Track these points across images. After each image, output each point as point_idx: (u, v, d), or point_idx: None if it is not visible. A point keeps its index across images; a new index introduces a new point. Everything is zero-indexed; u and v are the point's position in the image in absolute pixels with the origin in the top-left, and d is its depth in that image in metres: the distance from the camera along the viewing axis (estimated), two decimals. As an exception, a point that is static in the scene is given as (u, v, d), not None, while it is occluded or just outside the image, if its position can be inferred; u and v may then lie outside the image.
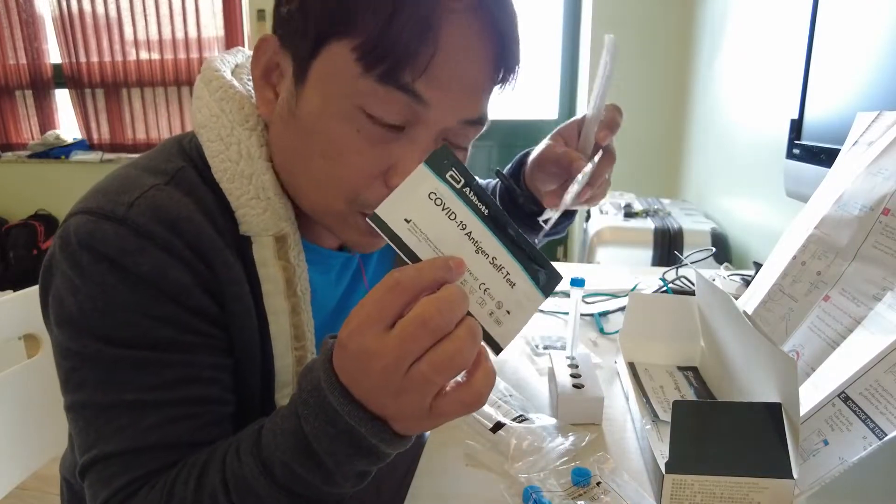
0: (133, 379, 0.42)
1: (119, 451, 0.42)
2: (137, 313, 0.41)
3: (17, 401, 0.71)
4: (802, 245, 0.58)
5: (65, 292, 0.42)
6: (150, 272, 0.41)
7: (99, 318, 0.41)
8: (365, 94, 0.40)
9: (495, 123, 1.88)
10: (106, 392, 0.42)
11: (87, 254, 0.41)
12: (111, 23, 2.70)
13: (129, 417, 0.42)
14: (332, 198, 0.45)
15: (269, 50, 0.45)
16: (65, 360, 0.43)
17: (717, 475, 0.43)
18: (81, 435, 0.43)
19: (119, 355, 0.42)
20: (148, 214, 0.42)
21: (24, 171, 2.96)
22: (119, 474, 0.42)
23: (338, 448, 0.36)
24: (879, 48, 0.68)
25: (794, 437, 0.42)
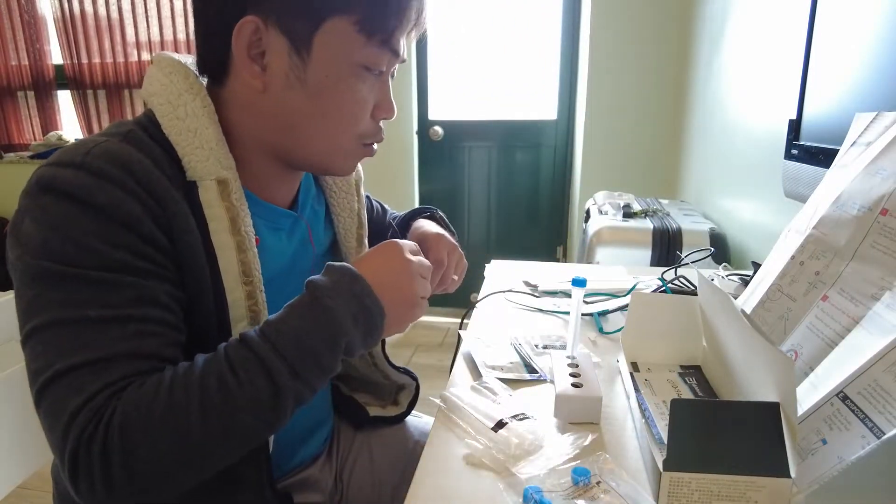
0: (94, 297, 0.45)
1: (87, 361, 0.43)
2: (96, 239, 0.45)
3: (18, 401, 0.72)
4: (801, 245, 0.58)
5: (29, 229, 0.46)
6: (106, 204, 0.46)
7: (59, 245, 0.45)
8: (367, 56, 0.53)
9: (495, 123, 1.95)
10: (67, 310, 0.44)
11: (49, 194, 0.46)
12: (113, 24, 2.70)
13: (93, 332, 0.44)
14: (343, 139, 0.57)
15: (248, 31, 0.51)
16: (27, 290, 0.45)
17: (714, 473, 0.44)
18: (40, 358, 0.44)
19: (80, 275, 0.45)
20: (103, 159, 0.47)
21: (26, 172, 2.96)
22: (91, 381, 0.43)
23: (346, 311, 0.48)
24: (878, 49, 0.68)
25: (792, 436, 0.42)
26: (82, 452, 0.42)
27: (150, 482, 0.43)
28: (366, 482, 0.77)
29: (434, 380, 2.05)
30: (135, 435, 0.42)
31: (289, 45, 0.52)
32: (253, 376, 0.45)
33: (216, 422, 0.44)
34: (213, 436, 0.44)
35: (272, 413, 0.46)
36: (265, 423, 0.46)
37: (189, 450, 0.43)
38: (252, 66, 0.53)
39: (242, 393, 0.44)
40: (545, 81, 2.50)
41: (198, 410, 0.43)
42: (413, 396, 0.81)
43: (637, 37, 2.16)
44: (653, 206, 1.70)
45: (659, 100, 2.20)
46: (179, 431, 0.43)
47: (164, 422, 0.43)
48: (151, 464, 0.42)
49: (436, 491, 0.49)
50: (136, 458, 0.42)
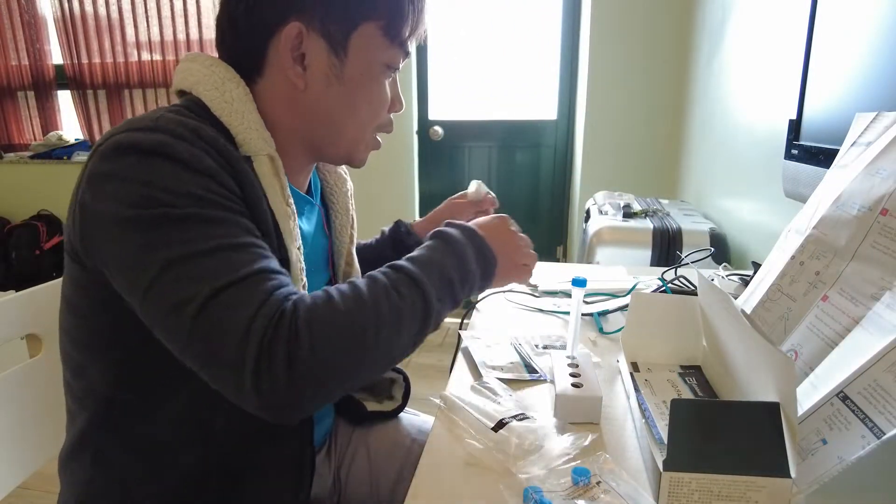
0: (210, 231, 0.47)
1: (237, 278, 0.45)
2: (190, 185, 0.48)
3: (19, 400, 0.72)
4: (801, 245, 0.58)
5: (121, 189, 0.47)
6: (188, 158, 0.49)
7: (160, 192, 0.47)
8: (390, 57, 0.61)
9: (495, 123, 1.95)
10: (193, 244, 0.46)
11: (131, 155, 0.48)
12: (113, 24, 2.70)
13: (227, 256, 0.47)
14: (367, 130, 0.65)
15: (292, 35, 0.57)
16: (136, 238, 0.46)
17: (714, 473, 0.44)
18: (184, 288, 0.45)
19: (189, 215, 0.47)
20: (173, 123, 0.50)
21: (27, 172, 2.97)
22: (251, 294, 0.45)
23: (471, 254, 0.58)
24: (878, 49, 0.68)
25: (792, 437, 0.42)
26: (265, 352, 0.43)
27: (328, 377, 0.45)
28: (364, 479, 0.77)
29: (434, 380, 2.05)
30: (322, 330, 0.45)
31: (328, 47, 0.58)
32: (413, 296, 0.51)
33: (386, 329, 0.48)
34: (382, 341, 0.48)
35: (420, 332, 0.52)
36: (413, 340, 0.52)
37: (363, 352, 0.47)
38: (295, 66, 0.58)
39: (405, 307, 0.50)
40: (545, 81, 2.50)
41: (373, 316, 0.47)
42: (405, 390, 0.82)
43: (637, 37, 2.16)
44: (653, 206, 1.69)
45: (659, 100, 2.20)
46: (357, 333, 0.46)
47: (346, 323, 0.46)
48: (332, 360, 0.45)
49: (436, 491, 0.49)
50: (320, 352, 0.44)
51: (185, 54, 0.61)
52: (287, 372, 0.43)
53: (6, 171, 2.98)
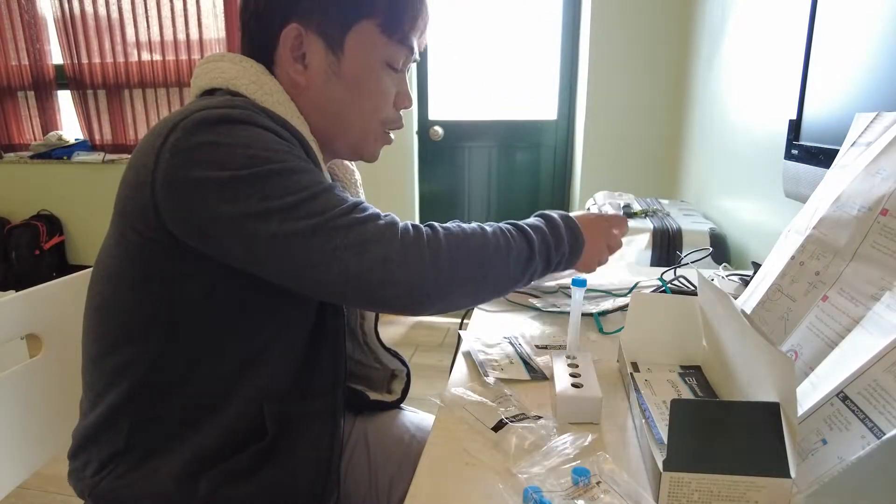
0: (315, 177, 0.54)
1: (361, 202, 0.54)
2: (282, 146, 0.54)
3: (20, 400, 0.72)
4: (801, 245, 0.58)
5: (216, 153, 0.51)
6: (273, 127, 0.55)
7: (262, 151, 0.52)
8: (390, 54, 0.64)
9: (495, 123, 1.95)
10: (309, 186, 0.52)
11: (223, 124, 0.52)
12: (113, 24, 2.70)
13: (337, 193, 0.54)
14: (373, 123, 0.68)
15: (292, 36, 0.61)
16: (255, 190, 0.51)
17: (714, 474, 0.44)
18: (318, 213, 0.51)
19: (293, 167, 0.53)
20: (245, 105, 0.56)
21: (27, 172, 2.97)
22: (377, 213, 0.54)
23: (566, 229, 0.66)
24: (878, 49, 0.68)
25: (792, 437, 0.42)
26: (413, 234, 0.53)
27: (458, 272, 0.54)
28: (362, 473, 0.77)
29: (434, 380, 2.05)
30: (454, 236, 0.55)
31: (325, 45, 0.62)
32: (519, 240, 0.60)
33: (499, 255, 0.57)
34: (495, 263, 0.57)
35: (521, 274, 0.60)
36: (513, 278, 0.59)
37: (482, 263, 0.56)
38: (296, 65, 0.63)
39: (514, 247, 0.58)
40: (545, 81, 2.50)
41: (492, 241, 0.57)
42: (405, 384, 0.83)
43: (637, 37, 2.16)
44: (653, 206, 1.70)
45: (659, 100, 2.20)
46: (479, 246, 0.56)
47: (472, 236, 0.56)
48: (461, 259, 0.54)
49: (436, 491, 0.49)
50: (454, 249, 0.54)
51: (206, 55, 0.65)
52: (430, 252, 0.52)
53: (6, 171, 2.98)
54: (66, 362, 0.77)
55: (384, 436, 0.80)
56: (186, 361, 0.58)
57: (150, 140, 0.54)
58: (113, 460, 0.60)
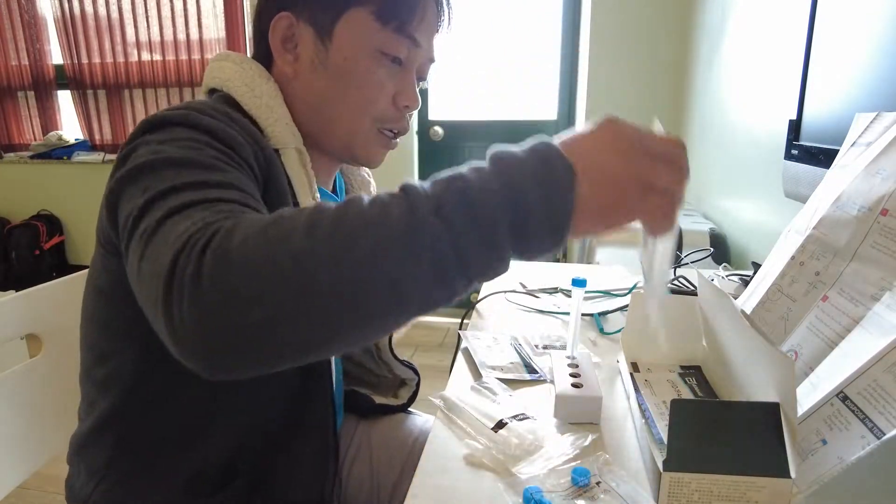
0: (206, 173, 0.43)
1: (198, 200, 0.39)
2: (201, 143, 0.47)
3: (19, 400, 0.72)
4: (801, 245, 0.58)
5: (140, 150, 0.46)
6: (212, 126, 0.49)
7: (172, 148, 0.45)
8: (383, 42, 0.59)
9: (495, 123, 1.94)
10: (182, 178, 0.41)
11: (158, 128, 0.48)
12: (113, 24, 2.70)
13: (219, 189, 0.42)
14: (362, 119, 0.62)
15: (283, 25, 0.60)
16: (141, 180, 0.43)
17: (714, 474, 0.44)
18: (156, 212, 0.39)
19: (192, 159, 0.44)
20: (205, 106, 0.52)
21: (27, 172, 2.97)
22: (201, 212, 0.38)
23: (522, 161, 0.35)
24: (878, 49, 0.68)
25: (792, 437, 0.42)
26: (182, 257, 0.34)
27: (235, 299, 0.32)
28: (365, 477, 0.77)
29: (434, 380, 2.05)
30: (234, 237, 0.34)
31: (314, 33, 0.60)
32: (385, 203, 0.34)
33: (324, 234, 0.33)
34: (316, 251, 0.32)
35: (402, 253, 0.32)
36: (381, 269, 0.32)
37: (285, 266, 0.32)
38: (286, 55, 0.61)
39: (363, 210, 0.34)
40: (545, 81, 2.50)
41: (307, 218, 0.34)
42: (413, 392, 0.82)
43: (637, 37, 2.16)
44: (653, 207, 1.69)
45: (659, 100, 2.20)
46: (280, 236, 0.33)
47: (267, 227, 0.34)
48: (242, 270, 0.33)
49: (436, 491, 0.49)
50: (228, 260, 0.33)
51: (216, 54, 0.64)
52: (193, 285, 0.33)
53: (6, 171, 2.98)
54: (66, 362, 0.77)
55: (388, 439, 0.79)
56: (164, 381, 0.56)
57: None
58: (98, 473, 0.59)
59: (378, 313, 0.34)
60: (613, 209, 0.36)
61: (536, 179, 0.34)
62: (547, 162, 0.35)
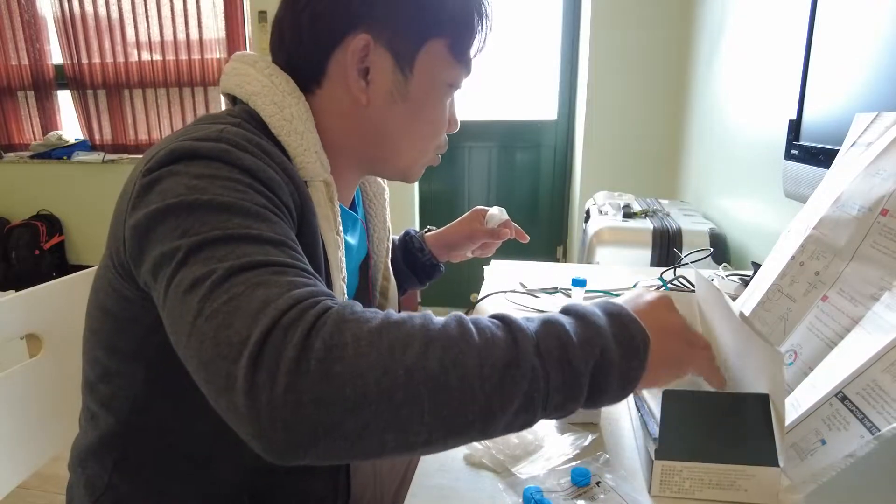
0: (252, 222, 0.41)
1: (270, 262, 0.38)
2: (243, 185, 0.44)
3: (19, 400, 0.72)
4: (801, 245, 0.58)
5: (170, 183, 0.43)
6: (252, 167, 0.45)
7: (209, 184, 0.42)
8: (454, 76, 0.58)
9: (495, 123, 1.95)
10: (231, 228, 0.40)
11: (192, 160, 0.44)
12: (113, 24, 2.70)
13: (262, 244, 0.40)
14: (428, 149, 0.63)
15: (359, 47, 0.54)
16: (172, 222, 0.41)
17: (705, 462, 0.44)
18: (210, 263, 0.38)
19: (234, 204, 0.42)
20: (238, 136, 0.47)
21: (27, 172, 2.97)
22: (279, 278, 0.37)
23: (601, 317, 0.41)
24: (878, 49, 0.68)
25: (780, 427, 0.43)
26: (277, 334, 0.33)
27: (338, 398, 0.33)
28: (368, 481, 0.77)
29: (434, 380, 2.05)
30: (346, 332, 0.34)
31: (394, 62, 0.55)
32: (494, 329, 0.38)
33: (438, 352, 0.35)
34: (429, 368, 0.34)
35: (498, 381, 0.35)
36: (482, 392, 0.35)
37: (398, 375, 0.34)
38: (359, 80, 0.55)
39: (473, 335, 0.36)
40: (545, 81, 2.50)
41: (422, 332, 0.35)
42: None
43: (637, 37, 2.16)
44: (653, 207, 1.69)
45: (659, 100, 2.20)
46: (396, 345, 0.34)
47: (381, 331, 0.35)
48: (353, 370, 0.33)
49: (436, 491, 0.49)
50: (339, 356, 0.33)
51: (236, 53, 0.57)
52: (294, 362, 0.33)
53: (6, 171, 2.98)
54: (66, 362, 0.77)
55: None
56: (167, 408, 0.53)
57: (138, 164, 0.49)
58: (97, 491, 0.57)
59: (465, 433, 0.36)
60: (679, 359, 0.45)
61: (618, 340, 0.39)
62: (623, 324, 0.40)
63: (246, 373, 0.33)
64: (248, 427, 0.33)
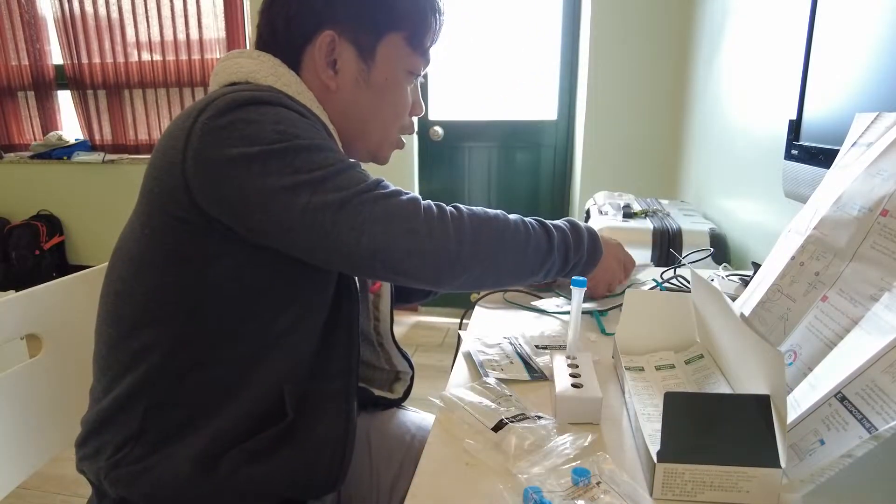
0: (339, 155, 0.57)
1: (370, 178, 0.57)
2: (308, 126, 0.57)
3: (19, 400, 0.72)
4: (801, 245, 0.58)
5: (250, 129, 0.53)
6: (297, 108, 0.58)
7: (289, 126, 0.55)
8: (413, 64, 0.69)
9: (495, 123, 1.96)
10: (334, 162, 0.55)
11: (253, 104, 0.55)
12: (113, 24, 2.70)
13: (360, 171, 0.57)
14: (392, 130, 0.73)
15: (326, 42, 0.65)
16: (282, 163, 0.53)
17: (707, 464, 0.44)
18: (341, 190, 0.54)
19: (321, 144, 0.56)
20: (271, 89, 0.60)
21: (27, 172, 2.97)
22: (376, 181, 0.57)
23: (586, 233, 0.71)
24: (878, 49, 0.68)
25: (782, 428, 0.43)
26: (437, 207, 0.58)
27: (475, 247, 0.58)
28: (364, 473, 0.77)
29: (434, 380, 2.05)
30: (476, 218, 0.59)
31: (357, 54, 0.66)
32: (540, 233, 0.64)
33: (516, 239, 0.61)
34: (513, 246, 0.61)
35: (539, 262, 0.64)
36: (531, 266, 0.64)
37: (499, 248, 0.60)
38: (328, 70, 0.66)
39: (532, 235, 0.63)
40: (545, 81, 2.50)
41: (513, 227, 0.62)
42: (407, 387, 0.83)
43: (637, 37, 2.16)
44: (653, 207, 1.70)
45: (659, 100, 2.20)
46: (499, 232, 0.60)
47: (490, 220, 0.61)
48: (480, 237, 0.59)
49: (436, 491, 0.49)
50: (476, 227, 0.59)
51: (226, 54, 0.66)
52: (454, 226, 0.57)
53: (6, 171, 2.98)
54: (66, 362, 0.77)
55: (386, 435, 0.80)
56: (206, 345, 0.59)
57: (179, 122, 0.56)
58: (128, 444, 0.60)
59: (517, 270, 0.63)
60: (606, 278, 0.81)
61: (589, 249, 0.71)
62: (595, 244, 0.72)
63: (425, 231, 0.55)
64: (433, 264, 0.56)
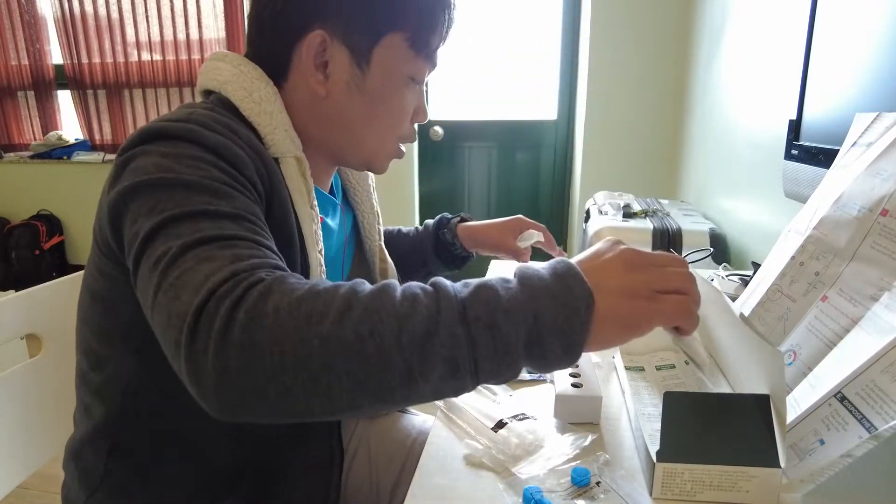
0: (212, 199, 0.45)
1: (218, 237, 0.41)
2: (207, 164, 0.47)
3: (19, 400, 0.72)
4: (801, 245, 0.58)
5: (141, 161, 0.47)
6: (217, 144, 0.49)
7: (174, 162, 0.46)
8: (415, 69, 0.60)
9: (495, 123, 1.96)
10: (189, 205, 0.43)
11: (160, 139, 0.48)
12: (113, 24, 2.70)
13: (217, 219, 0.43)
14: (389, 140, 0.64)
15: (316, 43, 0.57)
16: (143, 201, 0.44)
17: (707, 464, 0.44)
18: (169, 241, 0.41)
19: (196, 182, 0.45)
20: (206, 118, 0.51)
21: (27, 172, 2.97)
22: (224, 252, 0.40)
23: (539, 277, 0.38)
24: (878, 49, 0.68)
25: (782, 428, 0.43)
26: (211, 305, 0.36)
27: (259, 365, 0.35)
28: (364, 479, 0.77)
29: (434, 380, 2.05)
30: (269, 303, 0.36)
31: (350, 56, 0.58)
32: (416, 297, 0.37)
33: (353, 322, 0.35)
34: (343, 338, 0.35)
35: (417, 349, 0.35)
36: (401, 360, 0.35)
37: (313, 344, 0.35)
38: (317, 74, 0.58)
39: (394, 304, 0.36)
40: (545, 81, 2.50)
41: (342, 301, 0.36)
42: None
43: (637, 37, 2.16)
44: (653, 206, 1.69)
45: (659, 100, 2.20)
46: (313, 315, 0.36)
47: (301, 301, 0.36)
48: (271, 339, 0.35)
49: (436, 491, 0.49)
50: (259, 326, 0.35)
51: (213, 53, 0.61)
52: (221, 332, 0.35)
53: (6, 171, 2.98)
54: (66, 362, 0.77)
55: (386, 440, 0.79)
56: (159, 391, 0.55)
57: None
58: (94, 481, 0.58)
59: (388, 398, 0.36)
60: (631, 318, 0.39)
61: (556, 301, 0.37)
62: (566, 284, 0.38)
63: (187, 341, 0.36)
64: (193, 389, 0.37)
